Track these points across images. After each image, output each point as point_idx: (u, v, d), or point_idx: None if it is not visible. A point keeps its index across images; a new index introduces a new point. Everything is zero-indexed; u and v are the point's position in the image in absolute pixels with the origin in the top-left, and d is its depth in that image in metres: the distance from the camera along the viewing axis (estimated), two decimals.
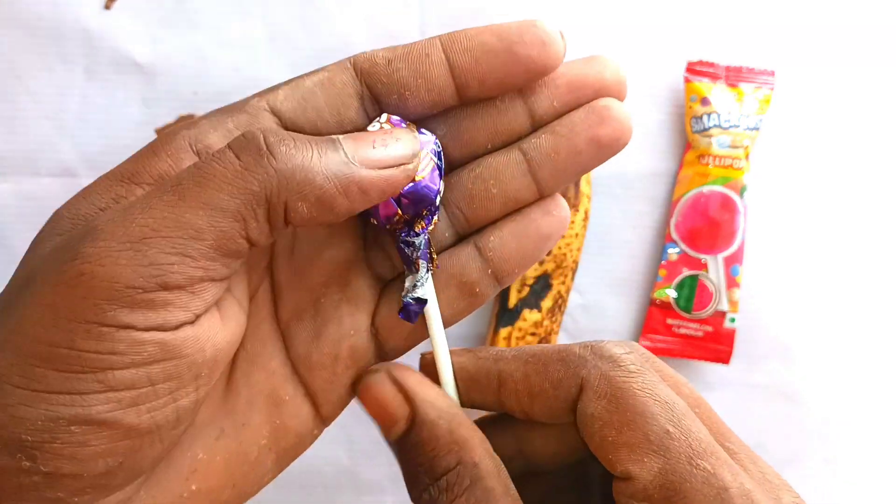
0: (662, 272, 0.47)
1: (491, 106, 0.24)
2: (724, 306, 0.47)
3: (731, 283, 0.47)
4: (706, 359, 0.47)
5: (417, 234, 0.24)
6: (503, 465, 0.22)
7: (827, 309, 0.48)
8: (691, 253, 0.47)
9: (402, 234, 0.24)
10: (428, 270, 0.24)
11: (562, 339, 0.48)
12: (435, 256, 0.25)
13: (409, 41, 0.24)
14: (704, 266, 0.47)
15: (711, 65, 0.47)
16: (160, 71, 0.47)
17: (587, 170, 0.24)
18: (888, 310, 0.48)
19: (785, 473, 0.23)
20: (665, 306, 0.47)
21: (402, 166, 0.21)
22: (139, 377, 0.19)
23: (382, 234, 0.26)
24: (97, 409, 0.19)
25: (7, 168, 0.47)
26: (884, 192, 0.49)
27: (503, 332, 0.45)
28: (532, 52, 0.23)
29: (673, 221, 0.47)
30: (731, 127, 0.47)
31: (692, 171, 0.47)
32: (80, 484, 0.20)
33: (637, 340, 0.48)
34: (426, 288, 0.24)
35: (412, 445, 0.22)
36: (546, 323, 0.45)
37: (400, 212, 0.23)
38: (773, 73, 0.47)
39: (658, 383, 0.22)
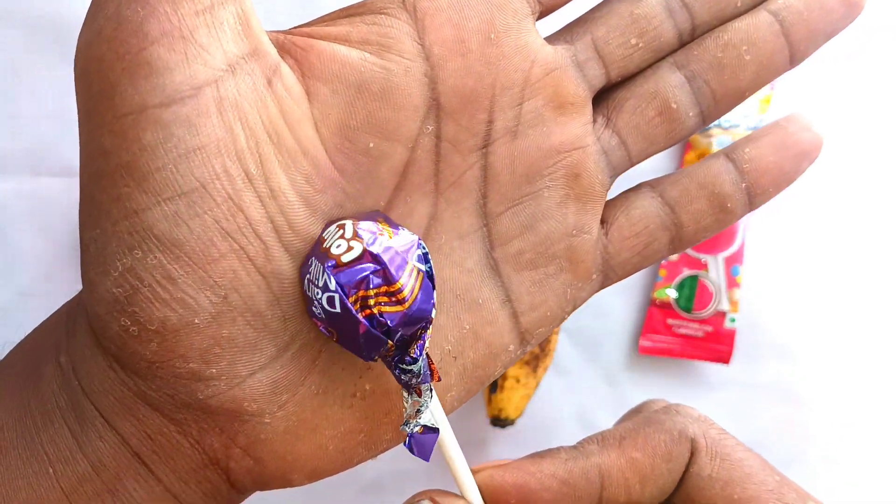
0: (662, 272, 0.47)
1: None
2: (725, 306, 0.47)
3: (732, 283, 0.47)
4: (706, 359, 0.47)
5: (415, 360, 0.20)
6: None
7: (827, 309, 0.48)
8: (691, 253, 0.47)
9: (396, 361, 0.20)
10: (432, 392, 0.20)
11: (562, 339, 0.48)
12: (435, 369, 0.20)
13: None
14: (705, 266, 0.47)
15: None
16: None
17: (838, 31, 0.23)
18: (888, 310, 0.48)
19: (785, 473, 0.23)
20: (665, 306, 0.47)
21: None
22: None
23: (617, 113, 0.24)
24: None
25: (8, 167, 0.47)
26: (884, 192, 0.49)
27: None
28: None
29: None
30: (731, 127, 0.47)
31: None
32: (225, 350, 0.19)
33: (637, 340, 0.48)
34: (434, 412, 0.20)
35: None
36: None
37: (391, 343, 0.19)
38: None
39: (738, 441, 0.23)
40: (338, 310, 0.18)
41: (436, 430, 0.20)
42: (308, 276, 0.19)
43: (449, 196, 0.22)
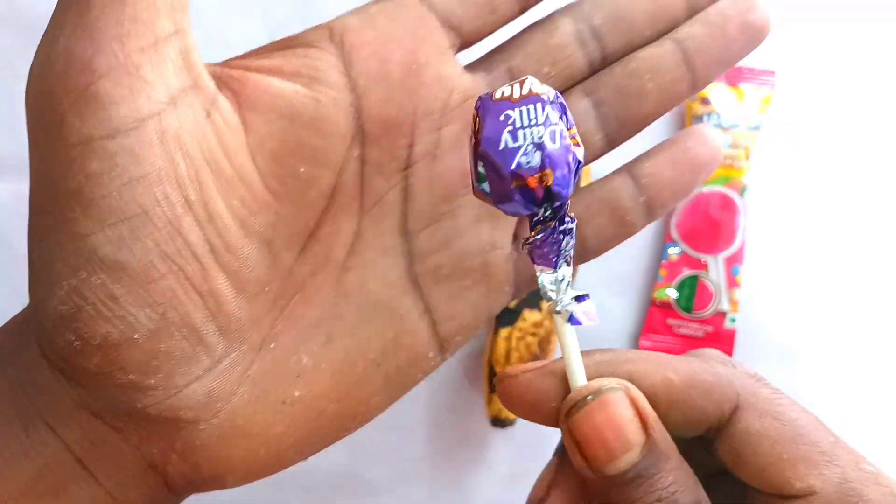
0: (663, 272, 0.47)
1: None
2: (725, 306, 0.47)
3: (732, 283, 0.47)
4: None
5: (569, 220, 0.20)
6: None
7: (827, 309, 0.48)
8: (692, 253, 0.47)
9: (562, 216, 0.20)
10: (569, 263, 0.21)
11: None
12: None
13: None
14: (705, 266, 0.47)
15: None
16: None
17: (740, 58, 0.24)
18: (889, 310, 0.48)
19: None
20: (665, 306, 0.47)
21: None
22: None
23: None
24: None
25: (7, 168, 0.47)
26: (884, 191, 0.49)
27: (503, 332, 0.45)
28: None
29: (673, 221, 0.47)
30: (731, 127, 0.47)
31: None
32: (171, 361, 0.20)
33: (637, 340, 0.48)
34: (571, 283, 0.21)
35: (643, 478, 0.19)
36: (546, 323, 0.45)
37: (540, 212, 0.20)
38: (773, 73, 0.47)
39: (793, 401, 0.22)
40: (557, 145, 0.19)
41: (585, 294, 0.21)
42: (508, 127, 0.19)
43: (373, 215, 0.23)
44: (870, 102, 0.49)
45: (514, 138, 0.19)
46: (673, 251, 0.47)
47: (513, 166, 0.19)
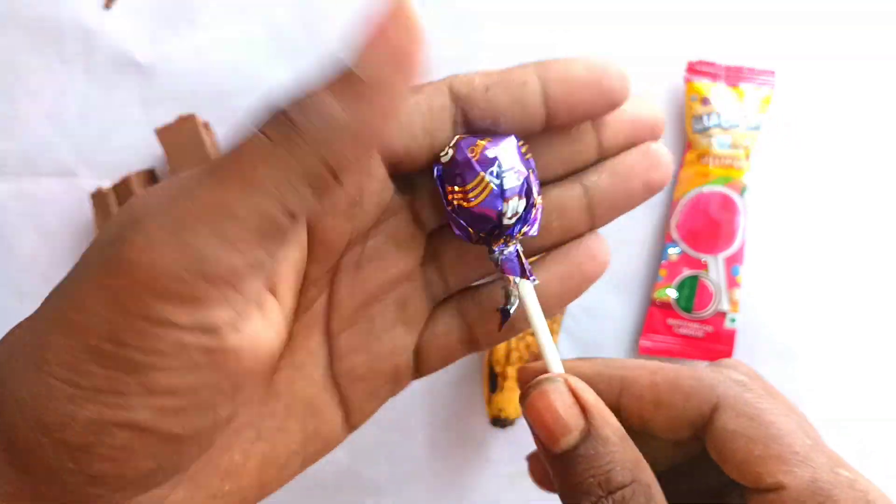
0: (663, 272, 0.47)
1: (566, 134, 0.25)
2: (725, 306, 0.47)
3: (732, 283, 0.47)
4: (707, 359, 0.47)
5: (493, 252, 0.24)
6: None
7: (827, 309, 0.48)
8: (692, 253, 0.47)
9: (489, 247, 0.25)
10: (518, 285, 0.25)
11: (562, 339, 0.48)
12: (527, 269, 0.25)
13: None
14: (705, 266, 0.47)
15: (711, 65, 0.47)
16: (160, 71, 0.47)
17: (633, 207, 0.26)
18: (888, 310, 0.48)
19: None
20: (665, 306, 0.47)
21: (408, 52, 0.21)
22: (182, 384, 0.19)
23: (442, 252, 0.26)
24: (141, 414, 0.19)
25: (7, 168, 0.47)
26: (884, 191, 0.49)
27: None
28: (615, 85, 0.24)
29: (673, 221, 0.47)
30: (731, 127, 0.47)
31: (692, 171, 0.47)
32: (120, 483, 0.20)
33: (637, 341, 0.48)
34: (526, 298, 0.25)
35: (582, 457, 0.22)
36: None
37: (472, 231, 0.24)
38: (773, 73, 0.47)
39: (781, 407, 0.24)
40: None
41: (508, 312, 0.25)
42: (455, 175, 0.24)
43: (303, 320, 0.25)
44: (870, 102, 0.49)
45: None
46: (673, 251, 0.47)
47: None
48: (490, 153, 0.24)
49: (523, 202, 0.24)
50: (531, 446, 0.28)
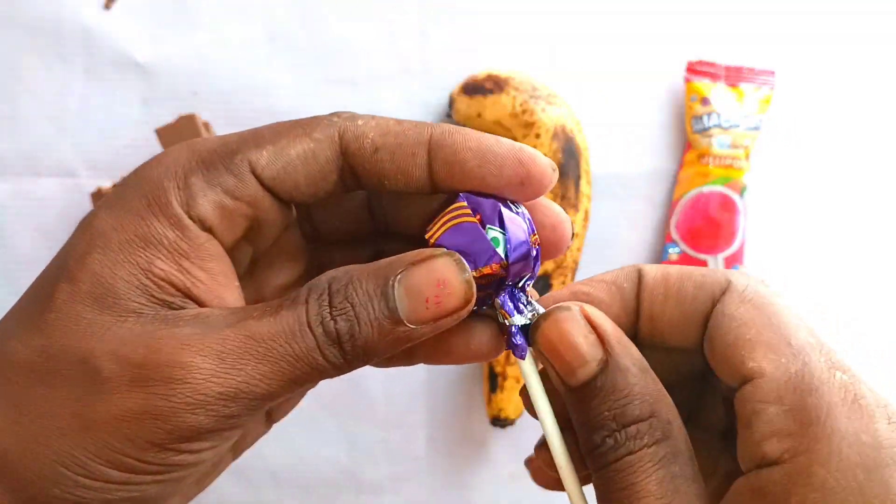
0: None
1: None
2: None
3: None
4: None
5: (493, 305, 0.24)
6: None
7: (827, 308, 0.48)
8: (692, 253, 0.47)
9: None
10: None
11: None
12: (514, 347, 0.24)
13: (410, 42, 0.23)
14: (705, 265, 0.47)
15: (711, 65, 0.47)
16: (160, 71, 0.47)
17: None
18: (888, 310, 0.48)
19: None
20: None
21: (455, 315, 0.22)
22: (188, 475, 0.21)
23: (327, 263, 0.26)
24: (149, 491, 0.21)
25: (7, 168, 0.47)
26: (884, 191, 0.49)
27: None
28: (512, 182, 0.23)
29: (673, 221, 0.47)
30: (731, 127, 0.47)
31: (692, 171, 0.47)
32: None
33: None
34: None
35: (600, 390, 0.21)
36: None
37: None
38: (773, 73, 0.47)
39: (795, 309, 0.22)
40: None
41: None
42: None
43: None
44: (869, 102, 0.49)
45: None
46: (673, 251, 0.47)
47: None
48: (514, 208, 0.23)
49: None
50: (531, 446, 0.27)
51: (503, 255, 0.22)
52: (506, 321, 0.23)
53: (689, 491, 0.20)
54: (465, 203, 0.23)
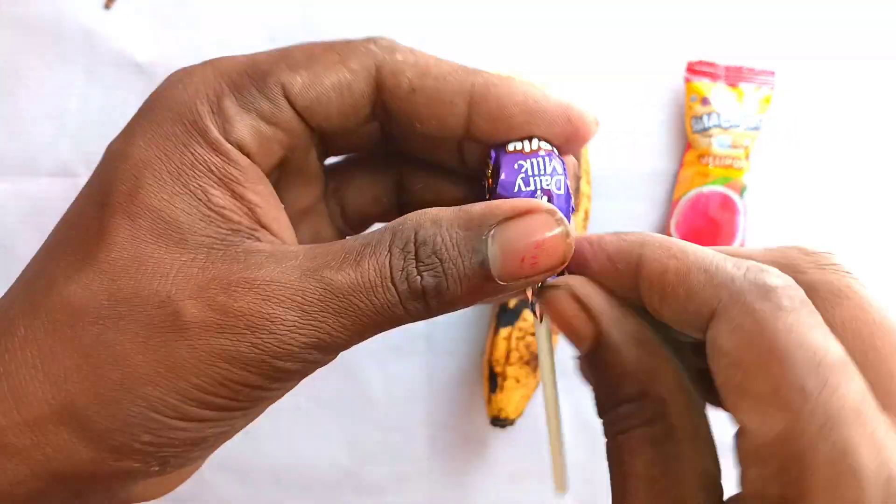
0: None
1: None
2: None
3: None
4: None
5: None
6: (700, 405, 0.20)
7: None
8: None
9: None
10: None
11: (562, 339, 0.48)
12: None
13: (410, 43, 0.23)
14: None
15: (711, 65, 0.47)
16: (160, 71, 0.47)
17: None
18: (889, 309, 0.48)
19: None
20: None
21: (549, 273, 0.21)
22: (268, 406, 0.22)
23: (344, 186, 0.26)
24: (239, 425, 0.21)
25: (7, 168, 0.47)
26: (884, 191, 0.49)
27: (503, 331, 0.45)
28: (558, 138, 0.23)
29: (673, 221, 0.47)
30: (731, 127, 0.47)
31: (692, 171, 0.47)
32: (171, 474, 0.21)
33: None
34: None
35: (598, 365, 0.21)
36: None
37: None
38: (773, 73, 0.47)
39: (814, 327, 0.18)
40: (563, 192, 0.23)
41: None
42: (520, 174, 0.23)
43: None
44: (869, 102, 0.49)
45: (527, 184, 0.22)
46: None
47: None
48: (558, 168, 0.23)
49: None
50: (531, 446, 0.27)
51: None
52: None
53: (684, 470, 0.19)
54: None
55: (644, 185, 0.48)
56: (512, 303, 0.45)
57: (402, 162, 0.26)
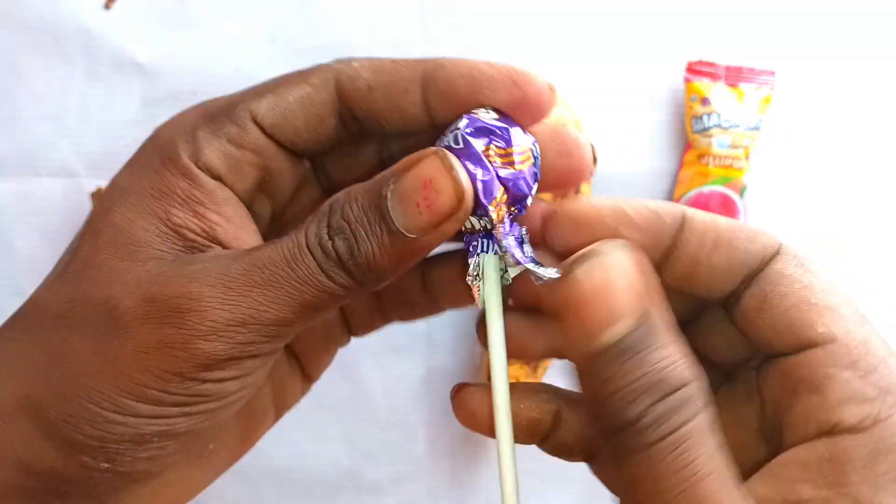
0: None
1: None
2: None
3: None
4: None
5: (502, 224, 0.23)
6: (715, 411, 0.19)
7: None
8: None
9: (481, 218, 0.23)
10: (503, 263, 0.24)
11: None
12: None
13: (411, 43, 0.24)
14: None
15: (711, 65, 0.47)
16: (160, 71, 0.47)
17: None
18: (888, 310, 0.48)
19: None
20: None
21: (453, 217, 0.21)
22: (215, 407, 0.22)
23: None
24: (179, 425, 0.21)
25: (7, 168, 0.47)
26: (884, 191, 0.49)
27: None
28: (508, 105, 0.23)
29: None
30: (731, 127, 0.47)
31: (692, 171, 0.47)
32: (142, 477, 0.22)
33: None
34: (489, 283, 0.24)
35: (630, 353, 0.18)
36: None
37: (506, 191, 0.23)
38: (773, 73, 0.47)
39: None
40: (461, 145, 0.22)
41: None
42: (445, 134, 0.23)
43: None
44: (869, 102, 0.49)
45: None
46: None
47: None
48: (527, 133, 0.23)
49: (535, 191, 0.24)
50: (531, 446, 0.27)
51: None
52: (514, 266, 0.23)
53: (731, 458, 0.19)
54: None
55: (644, 185, 0.48)
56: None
57: None
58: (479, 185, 0.22)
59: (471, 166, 0.22)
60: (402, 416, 0.48)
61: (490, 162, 0.22)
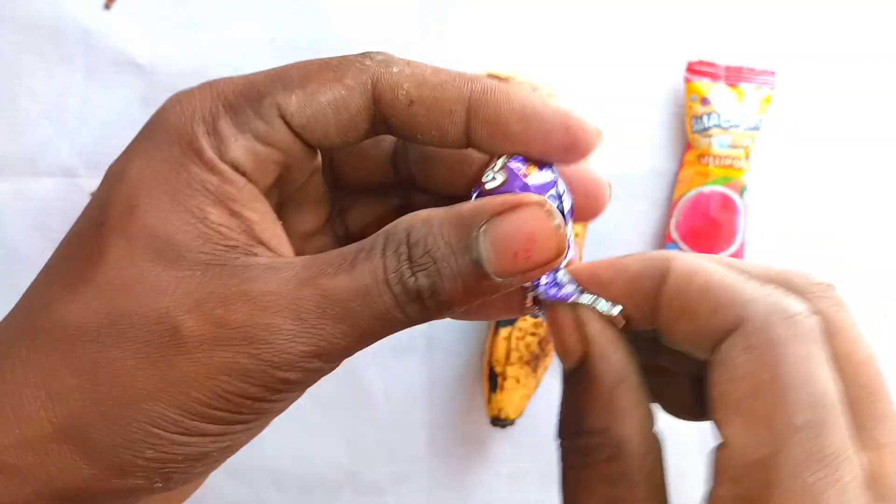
0: None
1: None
2: None
3: None
4: None
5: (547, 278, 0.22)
6: (659, 451, 0.20)
7: None
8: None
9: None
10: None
11: None
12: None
13: (411, 43, 0.23)
14: None
15: (711, 65, 0.47)
16: (160, 71, 0.47)
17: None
18: (888, 310, 0.48)
19: None
20: None
21: (547, 266, 0.20)
22: (271, 419, 0.22)
23: (347, 208, 0.26)
24: (242, 440, 0.21)
25: (7, 168, 0.47)
26: (883, 191, 0.49)
27: (503, 331, 0.45)
28: (557, 149, 0.22)
29: (673, 221, 0.47)
30: (731, 127, 0.47)
31: (692, 171, 0.47)
32: (174, 492, 0.21)
33: None
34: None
35: (574, 386, 0.21)
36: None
37: None
38: (773, 73, 0.47)
39: (823, 364, 0.19)
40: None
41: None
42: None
43: None
44: (869, 102, 0.49)
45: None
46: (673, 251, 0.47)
47: None
48: (547, 176, 0.22)
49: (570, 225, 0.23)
50: (531, 446, 0.27)
51: None
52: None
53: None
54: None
55: (644, 185, 0.48)
56: None
57: (410, 188, 0.26)
58: None
59: None
60: (402, 416, 0.48)
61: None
